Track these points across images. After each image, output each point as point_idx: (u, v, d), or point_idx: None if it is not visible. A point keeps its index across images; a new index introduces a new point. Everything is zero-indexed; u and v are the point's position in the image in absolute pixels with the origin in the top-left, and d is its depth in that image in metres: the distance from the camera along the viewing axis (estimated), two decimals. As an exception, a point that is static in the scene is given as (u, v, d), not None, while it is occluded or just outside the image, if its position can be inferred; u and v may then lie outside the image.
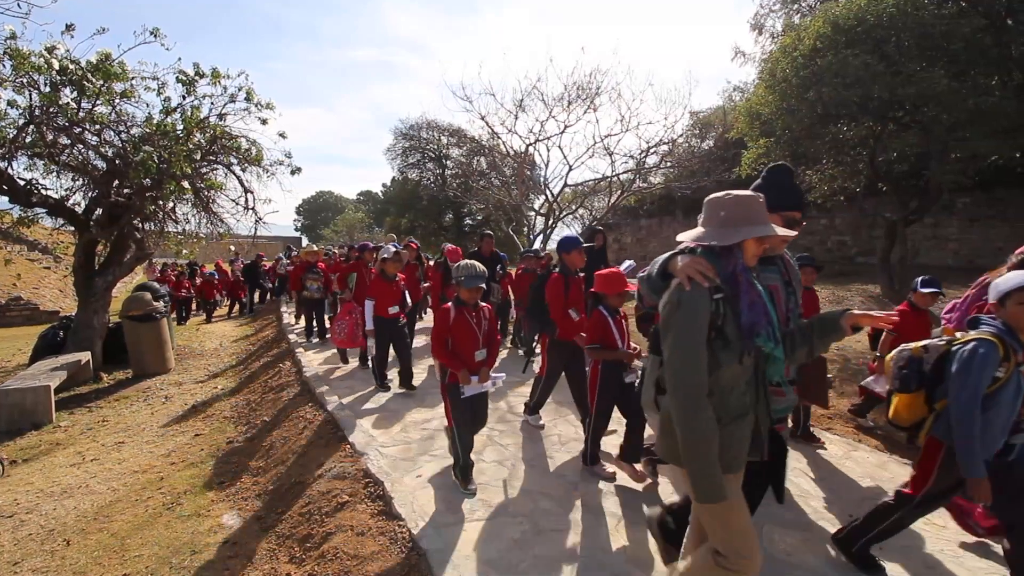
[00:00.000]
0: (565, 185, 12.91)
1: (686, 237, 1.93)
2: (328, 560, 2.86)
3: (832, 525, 3.14)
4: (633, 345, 3.61)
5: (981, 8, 8.91)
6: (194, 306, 14.92)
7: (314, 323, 8.75)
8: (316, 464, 4.05)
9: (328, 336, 8.36)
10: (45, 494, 4.20)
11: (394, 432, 4.59)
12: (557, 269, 4.27)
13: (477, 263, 3.38)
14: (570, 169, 12.44)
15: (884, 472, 4.03)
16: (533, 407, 4.65)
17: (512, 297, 8.01)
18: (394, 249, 5.75)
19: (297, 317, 10.26)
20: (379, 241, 26.17)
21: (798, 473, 3.88)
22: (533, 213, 14.49)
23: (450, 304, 3.39)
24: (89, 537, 3.50)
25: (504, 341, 7.82)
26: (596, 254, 6.87)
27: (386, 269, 5.49)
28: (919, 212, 10.26)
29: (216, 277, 15.00)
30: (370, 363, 6.10)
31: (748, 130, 11.22)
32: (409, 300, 5.96)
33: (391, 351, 5.72)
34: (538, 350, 4.79)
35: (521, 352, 7.08)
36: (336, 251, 13.32)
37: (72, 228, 7.68)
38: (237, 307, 15.39)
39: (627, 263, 6.73)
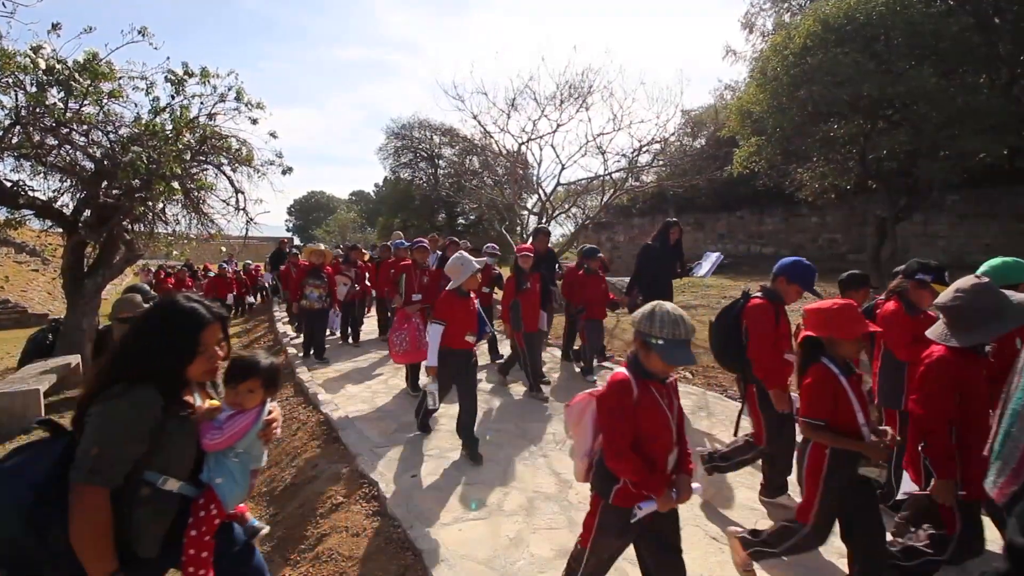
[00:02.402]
0: (558, 184, 12.95)
1: None
2: (323, 561, 2.84)
3: None
4: (883, 430, 2.30)
5: (969, 7, 9.00)
6: None
7: (326, 335, 7.52)
8: (310, 465, 4.04)
9: (326, 354, 7.39)
10: (35, 499, 4.15)
11: (388, 433, 4.58)
12: (759, 293, 3.18)
13: (683, 312, 2.00)
14: (563, 168, 12.48)
15: None
16: (772, 488, 3.27)
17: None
18: (486, 260, 4.50)
19: (297, 330, 8.93)
20: (370, 241, 25.93)
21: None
22: (526, 212, 14.50)
23: (626, 374, 2.03)
24: (80, 542, 3.46)
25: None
26: (671, 252, 5.98)
27: (463, 285, 4.01)
28: (909, 210, 10.35)
29: (230, 271, 13.84)
30: (427, 399, 4.10)
31: (740, 128, 11.30)
32: (488, 321, 4.69)
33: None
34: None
35: (578, 369, 6.33)
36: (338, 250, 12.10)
37: (60, 230, 7.59)
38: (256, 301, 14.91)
39: (714, 256, 5.57)
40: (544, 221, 12.81)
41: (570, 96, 11.66)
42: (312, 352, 7.34)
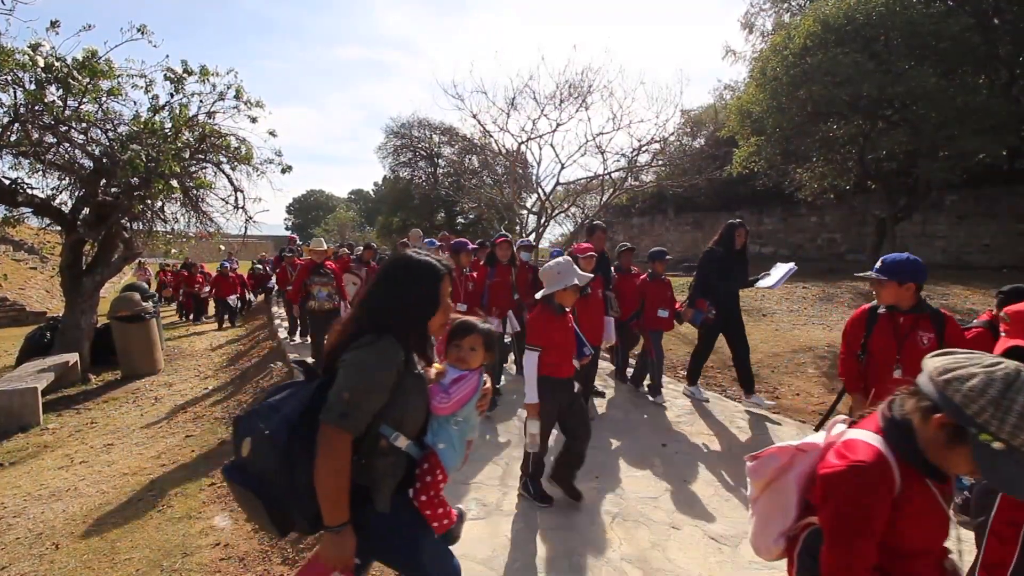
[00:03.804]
0: (557, 183, 12.93)
1: None
2: (322, 561, 2.84)
3: None
4: None
5: (969, 7, 9.01)
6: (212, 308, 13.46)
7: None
8: (309, 464, 4.02)
9: None
10: (33, 497, 4.14)
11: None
12: (880, 307, 2.83)
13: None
14: (562, 167, 12.46)
15: None
16: None
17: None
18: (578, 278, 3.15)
19: (303, 334, 8.16)
20: (369, 240, 25.95)
21: None
22: (525, 211, 14.50)
23: (882, 451, 1.25)
24: (78, 541, 3.45)
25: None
26: (738, 258, 5.16)
27: (556, 298, 3.15)
28: (908, 210, 10.36)
29: (233, 268, 13.05)
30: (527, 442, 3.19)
31: (739, 128, 11.30)
32: (588, 344, 3.76)
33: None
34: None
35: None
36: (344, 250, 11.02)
37: (59, 228, 7.58)
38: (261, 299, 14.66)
39: (786, 267, 4.98)
40: (543, 220, 12.80)
41: (570, 95, 11.65)
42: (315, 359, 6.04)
